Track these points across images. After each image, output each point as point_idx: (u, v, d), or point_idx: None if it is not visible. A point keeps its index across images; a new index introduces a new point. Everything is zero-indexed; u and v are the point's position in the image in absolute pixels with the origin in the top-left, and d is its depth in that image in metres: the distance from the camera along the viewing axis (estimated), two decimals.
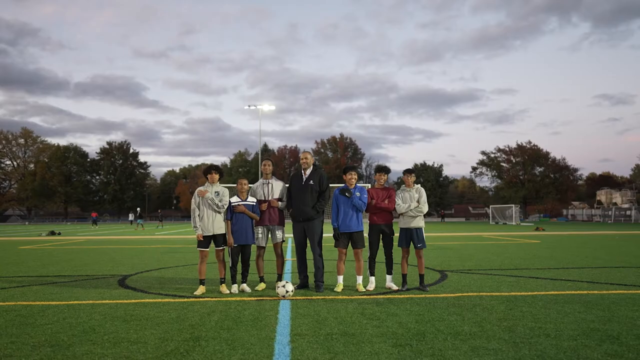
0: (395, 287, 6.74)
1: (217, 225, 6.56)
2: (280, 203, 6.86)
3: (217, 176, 6.71)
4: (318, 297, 6.19)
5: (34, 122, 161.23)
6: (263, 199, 6.87)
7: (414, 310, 5.27)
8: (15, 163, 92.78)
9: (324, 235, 6.91)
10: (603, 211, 65.57)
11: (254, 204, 6.80)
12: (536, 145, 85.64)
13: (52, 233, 27.60)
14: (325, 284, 6.92)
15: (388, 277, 6.95)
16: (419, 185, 6.99)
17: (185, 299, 6.07)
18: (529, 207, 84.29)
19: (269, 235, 6.94)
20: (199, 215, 6.58)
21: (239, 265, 6.75)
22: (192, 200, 6.69)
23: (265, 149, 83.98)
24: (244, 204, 6.71)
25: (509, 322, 4.71)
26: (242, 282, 6.73)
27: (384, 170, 7.02)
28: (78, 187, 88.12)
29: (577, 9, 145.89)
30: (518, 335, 4.20)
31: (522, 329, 4.44)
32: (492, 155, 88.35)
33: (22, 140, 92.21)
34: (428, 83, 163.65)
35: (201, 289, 6.51)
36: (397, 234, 6.87)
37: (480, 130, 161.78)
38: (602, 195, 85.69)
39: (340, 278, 6.77)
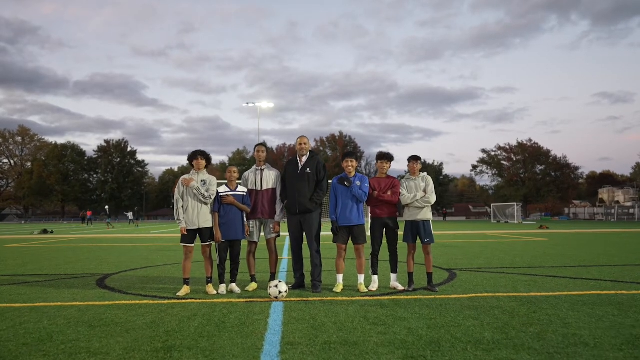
0: (400, 287, 6.08)
1: (203, 217, 5.89)
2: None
3: (203, 162, 6.03)
4: (315, 298, 5.53)
5: (33, 120, 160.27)
6: (254, 187, 6.21)
7: (424, 314, 4.62)
8: (12, 161, 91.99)
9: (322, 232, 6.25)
10: (605, 209, 64.94)
11: (245, 194, 6.13)
12: (537, 143, 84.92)
13: (45, 231, 26.88)
14: (324, 283, 6.24)
15: (392, 276, 6.28)
16: (425, 174, 6.34)
17: (166, 301, 5.41)
18: (530, 206, 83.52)
19: (262, 230, 6.30)
20: (182, 207, 5.91)
21: (228, 263, 6.09)
22: (176, 189, 6.01)
23: None
24: (233, 195, 6.04)
25: (535, 327, 4.05)
26: (231, 282, 6.06)
27: (386, 157, 6.35)
28: (75, 185, 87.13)
29: (576, 7, 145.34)
30: (551, 344, 3.55)
31: (553, 335, 3.79)
32: (493, 154, 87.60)
33: (19, 138, 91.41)
34: (427, 81, 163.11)
35: (185, 290, 5.85)
36: (401, 232, 6.22)
37: (480, 129, 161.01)
38: (604, 194, 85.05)
39: (340, 277, 6.11)
